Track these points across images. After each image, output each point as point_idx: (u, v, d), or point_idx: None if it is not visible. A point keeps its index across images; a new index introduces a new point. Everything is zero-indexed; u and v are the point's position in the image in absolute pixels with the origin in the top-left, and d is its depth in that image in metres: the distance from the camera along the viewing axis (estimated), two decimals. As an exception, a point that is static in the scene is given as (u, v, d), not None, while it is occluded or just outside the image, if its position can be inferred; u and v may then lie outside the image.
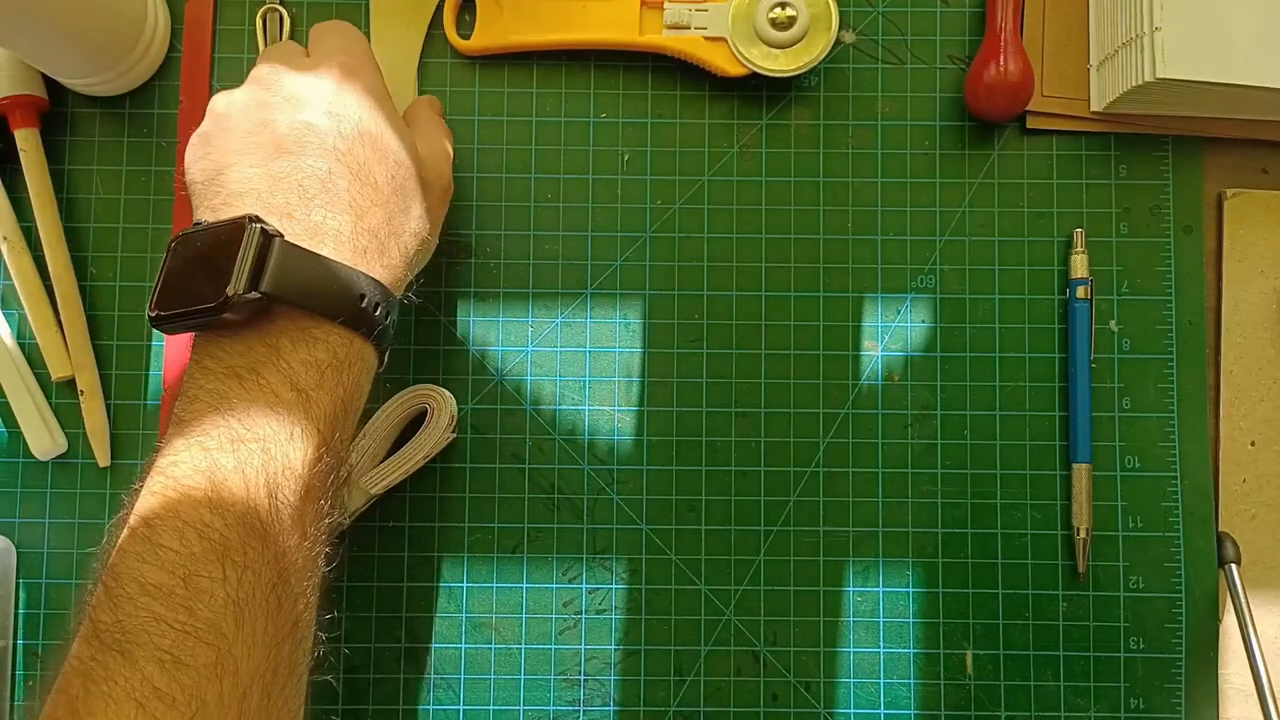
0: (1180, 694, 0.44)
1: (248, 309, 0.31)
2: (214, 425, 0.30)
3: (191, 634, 0.27)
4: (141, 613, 0.27)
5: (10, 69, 0.43)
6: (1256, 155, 0.46)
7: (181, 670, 0.26)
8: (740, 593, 0.44)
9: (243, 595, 0.28)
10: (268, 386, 0.30)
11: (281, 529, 0.29)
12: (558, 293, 0.45)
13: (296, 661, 0.30)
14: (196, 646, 0.27)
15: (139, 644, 0.27)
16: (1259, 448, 0.45)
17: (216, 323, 0.31)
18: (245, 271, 0.30)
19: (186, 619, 0.27)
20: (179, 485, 0.29)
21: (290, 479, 0.30)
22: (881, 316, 0.45)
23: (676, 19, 0.44)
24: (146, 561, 0.28)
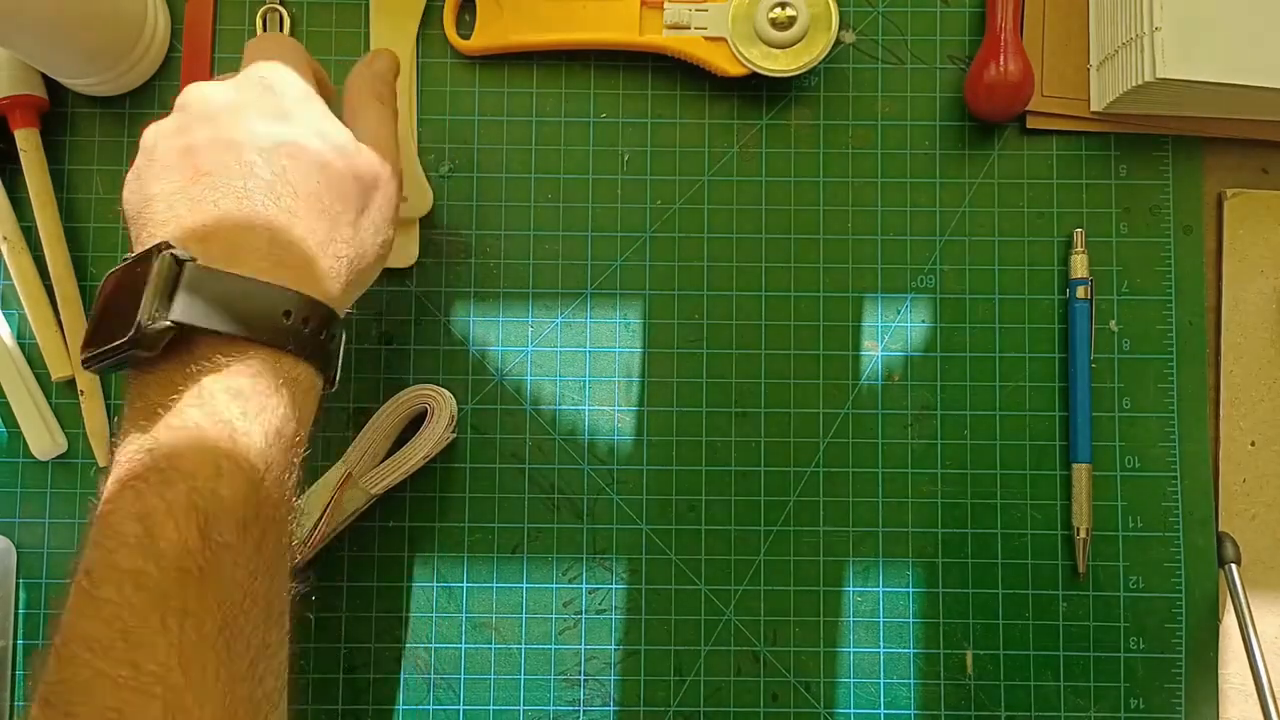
0: (1180, 694, 0.44)
1: (160, 340, 0.29)
2: (143, 466, 0.28)
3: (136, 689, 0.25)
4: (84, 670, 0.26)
5: (10, 69, 0.43)
6: (1256, 155, 0.46)
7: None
8: (740, 593, 0.44)
9: (186, 642, 0.26)
10: (189, 420, 0.29)
11: (220, 568, 0.28)
12: (558, 293, 0.45)
13: (258, 701, 0.29)
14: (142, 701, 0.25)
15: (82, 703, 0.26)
16: (1259, 448, 0.45)
17: (135, 359, 0.30)
18: (154, 301, 0.29)
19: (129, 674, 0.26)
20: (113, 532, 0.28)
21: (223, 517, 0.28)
22: (881, 316, 0.45)
23: (676, 19, 0.44)
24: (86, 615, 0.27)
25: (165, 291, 0.29)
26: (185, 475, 0.28)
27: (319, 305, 0.32)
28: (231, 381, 0.29)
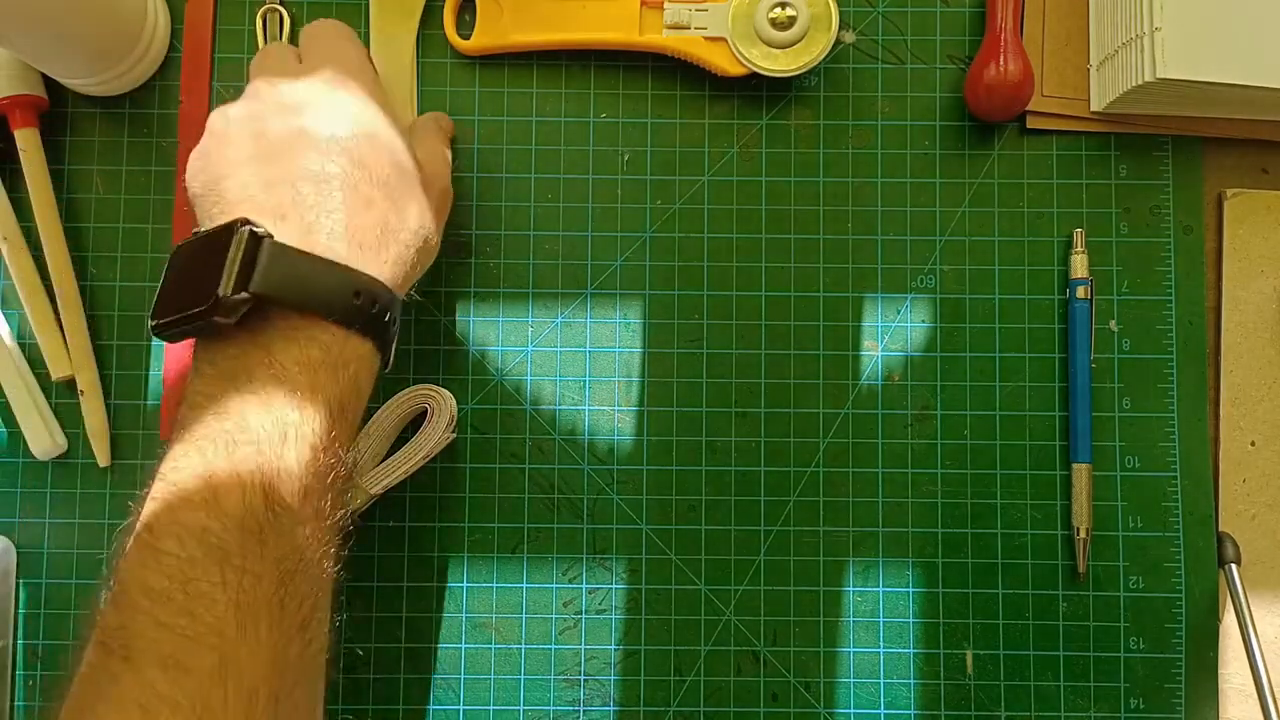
0: (1180, 694, 0.44)
1: (238, 311, 0.31)
2: (210, 429, 0.30)
3: (193, 639, 0.27)
4: (143, 618, 0.27)
5: (10, 69, 0.43)
6: (1256, 155, 0.46)
7: (185, 675, 0.26)
8: (740, 593, 0.44)
9: (243, 599, 0.28)
10: (261, 389, 0.30)
11: (280, 531, 0.29)
12: (558, 293, 0.45)
13: (306, 663, 0.30)
14: (199, 651, 0.27)
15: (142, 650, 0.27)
16: (1259, 448, 0.45)
17: (210, 327, 0.31)
18: (234, 273, 0.30)
19: (188, 624, 0.27)
20: (178, 490, 0.29)
21: (286, 480, 0.30)
22: (881, 316, 0.45)
23: (676, 19, 0.44)
24: (148, 567, 0.28)
25: (245, 265, 0.30)
26: (253, 440, 0.29)
27: (384, 288, 0.33)
28: (302, 354, 0.31)
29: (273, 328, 0.31)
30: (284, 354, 0.31)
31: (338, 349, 0.32)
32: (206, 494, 0.29)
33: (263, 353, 0.31)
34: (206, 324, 0.31)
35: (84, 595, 0.44)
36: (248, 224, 0.31)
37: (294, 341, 0.31)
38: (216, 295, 0.30)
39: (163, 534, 0.28)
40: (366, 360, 0.33)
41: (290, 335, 0.31)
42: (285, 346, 0.31)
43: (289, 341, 0.31)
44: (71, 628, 0.44)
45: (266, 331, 0.31)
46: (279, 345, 0.31)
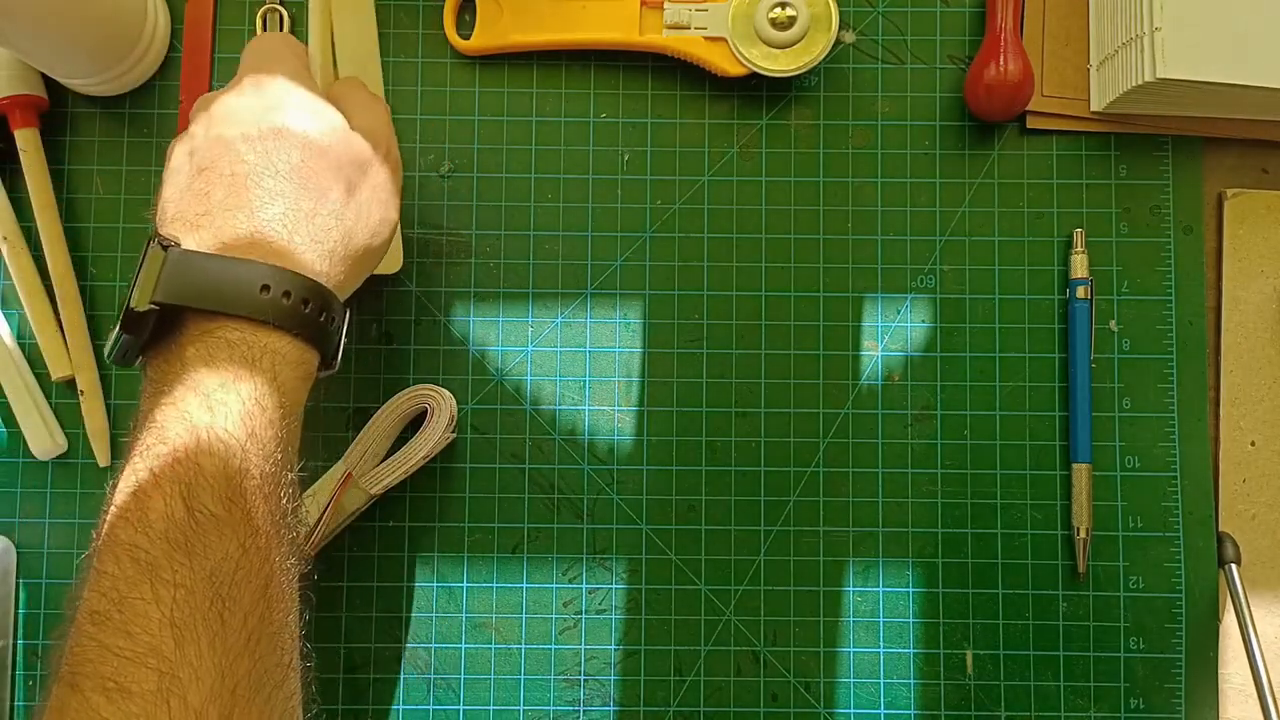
0: (1180, 694, 0.44)
1: (145, 322, 0.31)
2: (140, 443, 0.30)
3: (132, 659, 0.26)
4: (87, 642, 0.27)
5: (10, 69, 0.43)
6: (1256, 155, 0.46)
7: (127, 698, 0.26)
8: (740, 593, 0.44)
9: (179, 615, 0.27)
10: (176, 398, 0.30)
11: (207, 541, 0.28)
12: (558, 293, 0.45)
13: (262, 678, 0.29)
14: (138, 672, 0.26)
15: (86, 675, 0.26)
16: (1259, 448, 0.45)
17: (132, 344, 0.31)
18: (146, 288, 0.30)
19: (126, 644, 0.26)
20: (115, 509, 0.29)
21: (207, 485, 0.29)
22: (881, 316, 0.45)
23: (676, 19, 0.44)
24: (91, 589, 0.28)
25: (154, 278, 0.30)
26: (169, 448, 0.29)
27: (303, 280, 0.32)
28: (209, 353, 0.31)
29: (185, 334, 0.31)
30: (195, 359, 0.31)
31: (246, 345, 0.31)
32: (134, 508, 0.28)
33: (177, 360, 0.31)
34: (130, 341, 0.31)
35: (84, 595, 0.44)
36: (159, 238, 0.31)
37: (202, 344, 0.31)
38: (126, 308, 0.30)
39: (103, 553, 0.28)
40: (290, 356, 0.32)
41: (199, 338, 0.31)
42: (195, 351, 0.31)
43: (198, 345, 0.31)
44: (71, 628, 0.44)
45: (180, 339, 0.31)
46: (190, 352, 0.31)
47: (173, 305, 0.31)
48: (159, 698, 0.26)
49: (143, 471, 0.29)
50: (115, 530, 0.28)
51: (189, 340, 0.31)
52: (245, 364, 0.31)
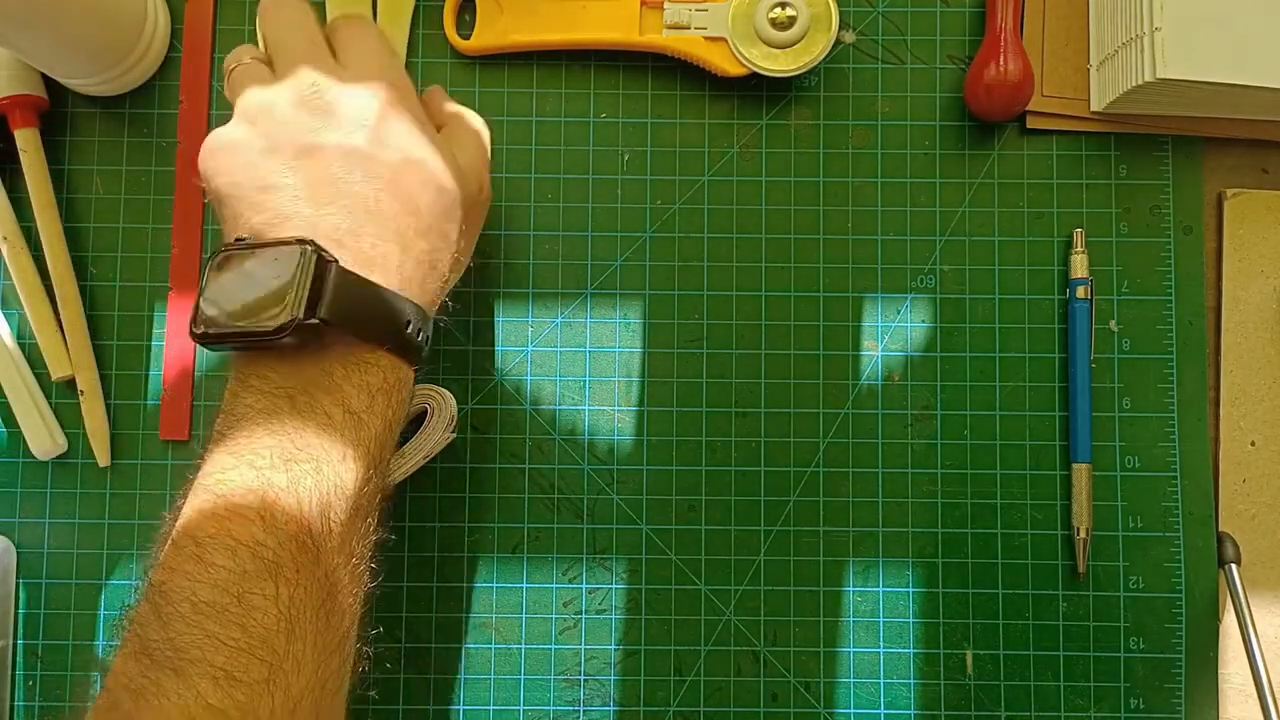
0: (1180, 694, 0.44)
1: (304, 334, 0.31)
2: (264, 444, 0.30)
3: (245, 650, 0.27)
4: (194, 630, 0.27)
5: (10, 69, 0.43)
6: (1256, 155, 0.46)
7: (235, 686, 0.27)
8: (740, 593, 0.44)
9: (294, 612, 0.28)
10: (320, 408, 0.31)
11: (331, 547, 0.30)
12: (558, 293, 0.45)
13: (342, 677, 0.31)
14: (250, 663, 0.27)
15: (192, 660, 0.27)
16: (1259, 448, 0.45)
17: (270, 345, 0.31)
18: (303, 298, 0.30)
19: (240, 636, 0.27)
20: (229, 503, 0.29)
21: (342, 499, 0.30)
22: (881, 316, 0.45)
23: (676, 19, 0.44)
24: (198, 580, 0.28)
25: (312, 288, 0.31)
26: (311, 456, 0.30)
27: (425, 315, 0.34)
28: (361, 378, 0.32)
29: (333, 352, 0.32)
30: (344, 378, 0.32)
31: (391, 376, 0.33)
32: (261, 509, 0.29)
33: (323, 374, 0.31)
34: (268, 343, 0.31)
35: (84, 595, 0.44)
36: (313, 245, 0.31)
37: (353, 366, 0.32)
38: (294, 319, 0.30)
39: (213, 547, 0.28)
40: (407, 383, 0.34)
41: (349, 360, 0.32)
42: (345, 371, 0.32)
43: (348, 366, 0.32)
44: (71, 628, 0.44)
45: (326, 355, 0.32)
46: (338, 369, 0.32)
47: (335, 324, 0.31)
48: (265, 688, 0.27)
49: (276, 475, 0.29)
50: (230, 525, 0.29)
51: (336, 358, 0.32)
52: (388, 392, 0.33)
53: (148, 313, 0.45)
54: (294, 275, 0.30)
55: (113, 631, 0.30)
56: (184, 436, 0.44)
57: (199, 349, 0.45)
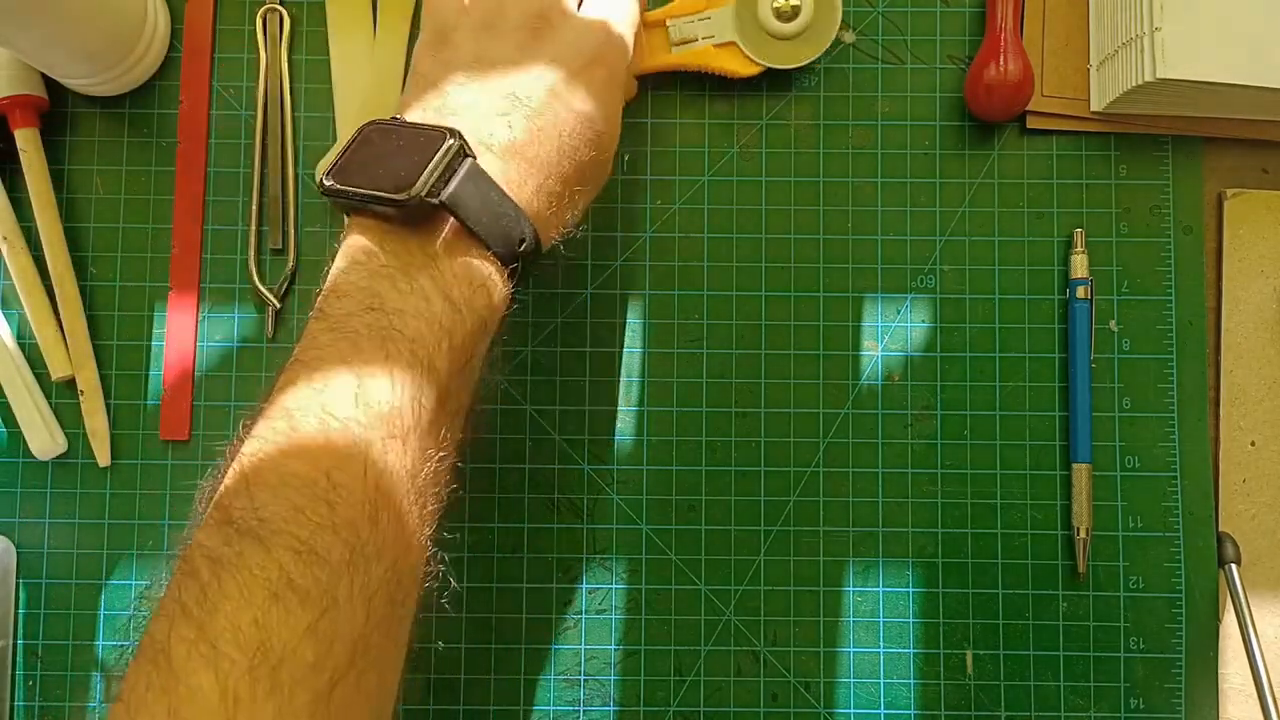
0: (1180, 694, 0.44)
1: (422, 212, 0.31)
2: (362, 321, 0.30)
3: (329, 528, 0.26)
4: (280, 502, 0.26)
5: (10, 69, 0.43)
6: (1256, 155, 0.46)
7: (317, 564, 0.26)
8: (740, 593, 0.44)
9: (379, 496, 0.27)
10: (421, 291, 0.30)
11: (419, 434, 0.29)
12: (558, 293, 0.45)
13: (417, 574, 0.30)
14: (333, 542, 0.26)
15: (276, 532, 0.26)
16: (1259, 448, 0.45)
17: (386, 214, 0.31)
18: (433, 177, 0.30)
19: (326, 513, 0.26)
20: (324, 377, 0.28)
21: (432, 386, 0.30)
22: (881, 316, 0.45)
23: (682, 34, 0.44)
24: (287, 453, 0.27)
25: (444, 172, 0.31)
26: (409, 338, 0.29)
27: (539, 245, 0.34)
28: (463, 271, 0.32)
29: (443, 240, 0.32)
30: (447, 266, 0.31)
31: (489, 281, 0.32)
32: (356, 385, 0.28)
33: (427, 259, 0.31)
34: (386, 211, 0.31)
35: (84, 595, 0.44)
36: (459, 138, 0.31)
37: (459, 258, 0.32)
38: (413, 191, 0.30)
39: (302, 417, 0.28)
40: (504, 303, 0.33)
41: (456, 251, 0.32)
42: (449, 260, 0.31)
43: (454, 256, 0.32)
44: (71, 628, 0.44)
45: (434, 241, 0.31)
46: (444, 257, 0.31)
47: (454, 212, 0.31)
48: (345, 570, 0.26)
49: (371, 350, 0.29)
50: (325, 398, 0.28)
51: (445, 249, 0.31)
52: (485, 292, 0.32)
53: (148, 313, 0.45)
54: (431, 158, 0.31)
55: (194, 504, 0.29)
56: (184, 436, 0.44)
57: (199, 349, 0.45)
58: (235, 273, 0.45)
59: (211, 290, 0.45)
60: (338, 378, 0.28)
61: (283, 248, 0.45)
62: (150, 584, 0.43)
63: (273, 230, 0.45)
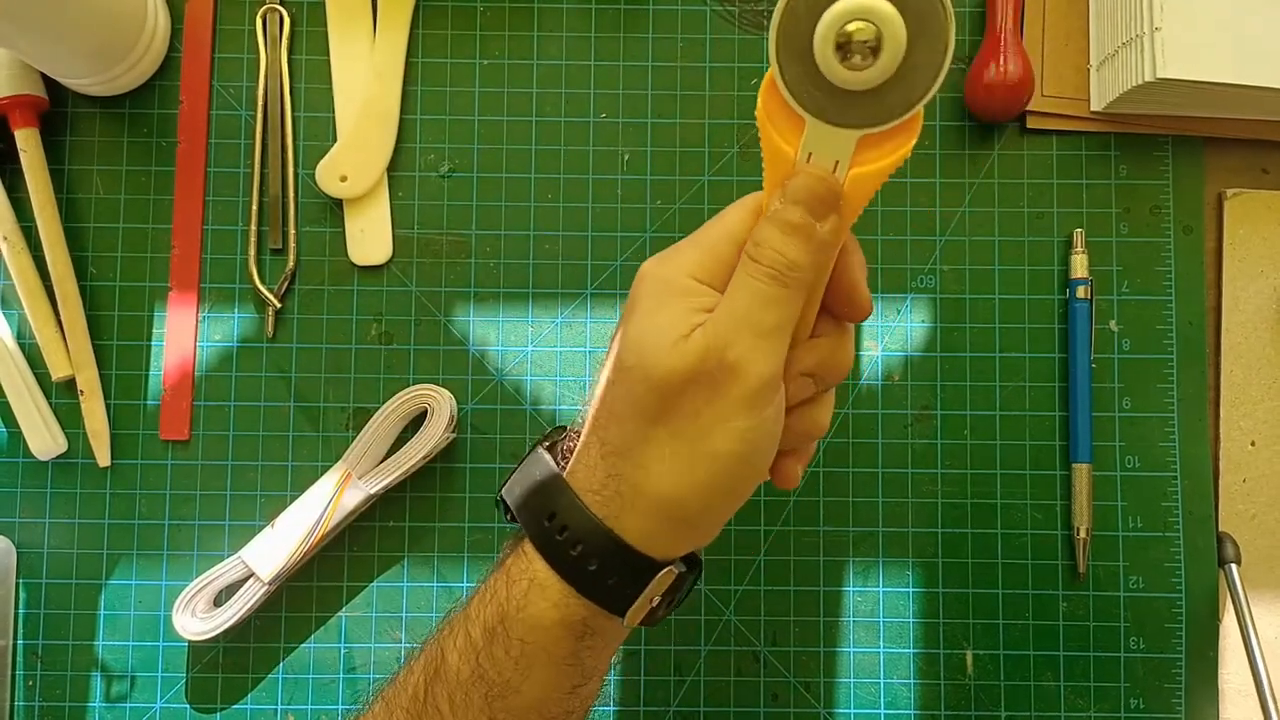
0: (1180, 694, 0.44)
1: (500, 508, 0.32)
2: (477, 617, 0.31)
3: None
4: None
5: (10, 69, 0.43)
6: (1256, 155, 0.46)
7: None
8: (740, 593, 0.44)
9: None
10: (490, 582, 0.31)
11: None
12: (558, 293, 0.45)
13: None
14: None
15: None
16: (1259, 448, 0.45)
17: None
18: (510, 475, 0.32)
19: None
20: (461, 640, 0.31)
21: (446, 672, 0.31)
22: (881, 316, 0.45)
23: None
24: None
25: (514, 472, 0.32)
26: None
27: (601, 534, 0.30)
28: (509, 559, 0.31)
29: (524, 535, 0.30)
30: (509, 555, 0.31)
31: (511, 562, 0.30)
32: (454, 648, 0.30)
33: (511, 550, 0.31)
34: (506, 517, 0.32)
35: (84, 595, 0.44)
36: (556, 439, 0.32)
37: (513, 550, 0.31)
38: (499, 494, 0.31)
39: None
40: (540, 585, 0.29)
41: (514, 543, 0.31)
42: (511, 548, 0.31)
43: (513, 545, 0.31)
44: (71, 628, 0.44)
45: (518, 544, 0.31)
46: (514, 552, 0.31)
47: (508, 506, 0.31)
48: None
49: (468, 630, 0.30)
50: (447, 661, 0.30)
51: (518, 538, 0.31)
52: (516, 583, 0.30)
53: (148, 313, 0.45)
54: (522, 459, 0.31)
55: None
56: (184, 436, 0.44)
57: (199, 349, 0.45)
58: (235, 273, 0.45)
59: (211, 290, 0.45)
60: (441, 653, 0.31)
61: (283, 248, 0.45)
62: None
63: (273, 230, 0.45)
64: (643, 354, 0.28)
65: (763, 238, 0.28)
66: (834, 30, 0.25)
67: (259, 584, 0.41)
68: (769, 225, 0.28)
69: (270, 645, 0.44)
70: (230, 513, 0.44)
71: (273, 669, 0.43)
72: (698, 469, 0.28)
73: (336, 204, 0.45)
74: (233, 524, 0.44)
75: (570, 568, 0.29)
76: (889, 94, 0.26)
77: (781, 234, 0.28)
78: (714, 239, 0.29)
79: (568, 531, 0.29)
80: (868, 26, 0.25)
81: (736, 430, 0.27)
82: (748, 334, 0.27)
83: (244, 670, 0.43)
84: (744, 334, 0.27)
